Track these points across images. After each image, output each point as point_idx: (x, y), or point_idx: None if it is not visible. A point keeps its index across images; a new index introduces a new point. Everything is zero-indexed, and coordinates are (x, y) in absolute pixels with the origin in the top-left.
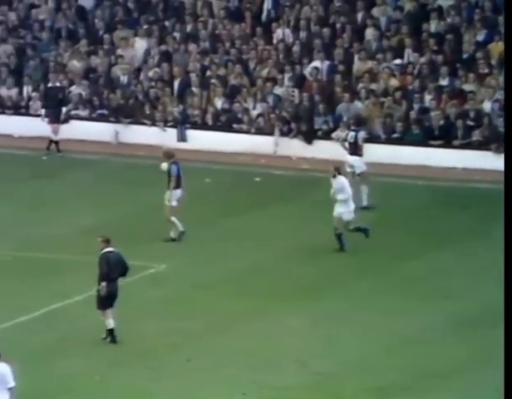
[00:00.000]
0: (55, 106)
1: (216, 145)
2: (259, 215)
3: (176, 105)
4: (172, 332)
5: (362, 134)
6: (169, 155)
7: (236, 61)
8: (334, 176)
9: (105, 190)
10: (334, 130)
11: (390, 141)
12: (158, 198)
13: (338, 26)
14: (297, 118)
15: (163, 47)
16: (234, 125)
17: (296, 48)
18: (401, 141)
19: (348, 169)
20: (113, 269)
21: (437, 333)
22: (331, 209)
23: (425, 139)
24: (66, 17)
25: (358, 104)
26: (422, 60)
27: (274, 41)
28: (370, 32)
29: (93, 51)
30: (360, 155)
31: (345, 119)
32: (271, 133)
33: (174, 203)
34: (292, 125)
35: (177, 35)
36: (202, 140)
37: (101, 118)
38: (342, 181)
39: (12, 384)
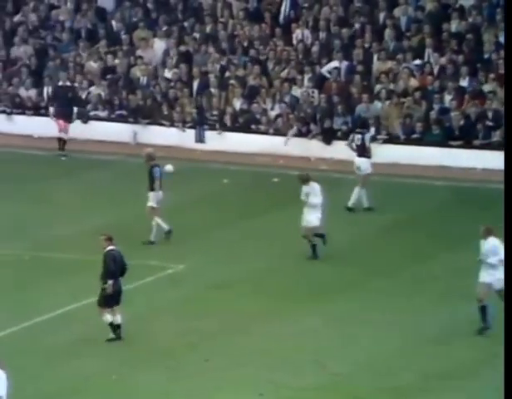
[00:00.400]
0: (64, 105)
1: (234, 145)
2: (277, 216)
3: (195, 105)
4: (190, 332)
5: (369, 136)
6: (150, 157)
7: (255, 61)
8: (306, 182)
9: (122, 191)
10: (353, 130)
11: (409, 142)
12: (175, 198)
13: (358, 26)
14: (315, 119)
15: (182, 48)
16: (253, 126)
17: (315, 49)
18: (420, 142)
19: (357, 172)
20: (118, 267)
21: (452, 334)
22: (348, 210)
23: (445, 139)
24: (85, 17)
25: (378, 104)
26: (442, 60)
27: (294, 41)
28: (390, 32)
29: (112, 52)
30: (368, 156)
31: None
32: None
33: (154, 204)
34: (311, 126)
35: (196, 35)
36: (220, 140)
37: (120, 119)
38: (314, 186)
39: (1, 393)
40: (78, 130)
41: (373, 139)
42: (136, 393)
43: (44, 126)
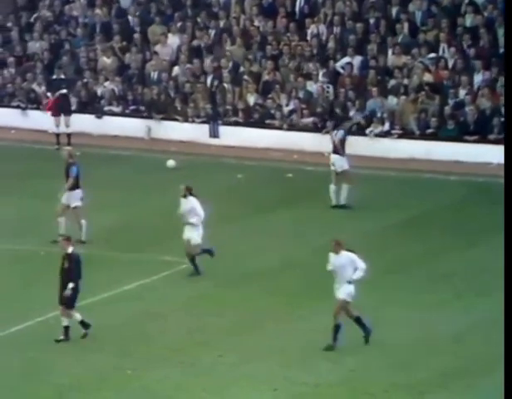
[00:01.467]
0: (60, 98)
1: (248, 140)
2: (291, 211)
3: (208, 101)
4: (203, 328)
5: (341, 133)
6: (70, 155)
7: (269, 57)
8: (185, 196)
9: (137, 186)
10: (368, 125)
11: (424, 137)
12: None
13: (372, 21)
14: (329, 114)
15: (195, 43)
16: (267, 121)
17: (330, 44)
18: (435, 137)
19: (331, 168)
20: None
21: (468, 330)
22: (363, 206)
23: (460, 134)
24: (100, 13)
25: (392, 99)
26: (457, 54)
27: (308, 36)
28: (404, 27)
29: (126, 48)
30: (340, 153)
31: (378, 114)
32: (303, 129)
33: (78, 203)
34: (326, 122)
35: (210, 31)
36: (234, 135)
37: (134, 114)
38: (193, 202)
39: None
40: (92, 125)
41: (387, 133)
42: (151, 388)
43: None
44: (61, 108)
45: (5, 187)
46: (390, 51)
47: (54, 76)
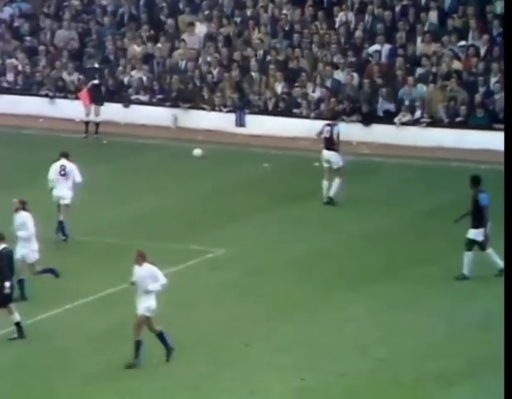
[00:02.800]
0: (95, 87)
1: (275, 129)
2: (318, 201)
3: (235, 89)
4: (231, 317)
5: (338, 129)
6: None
7: (296, 45)
8: (17, 210)
9: (163, 175)
10: (396, 114)
11: (453, 125)
12: (216, 182)
13: (400, 8)
14: (357, 102)
15: (223, 32)
16: (294, 110)
17: (358, 32)
18: (464, 125)
19: (325, 165)
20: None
21: (496, 319)
22: (392, 194)
23: (490, 122)
24: (129, 2)
25: (421, 87)
26: (487, 42)
27: (336, 25)
28: (433, 14)
29: (154, 36)
30: (336, 150)
31: (407, 103)
32: (331, 118)
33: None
34: (353, 109)
35: (237, 20)
36: (261, 124)
37: (161, 103)
38: (24, 217)
39: None
40: (120, 114)
41: (416, 122)
42: (177, 377)
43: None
44: (93, 97)
45: (33, 175)
46: (419, 39)
47: (88, 65)
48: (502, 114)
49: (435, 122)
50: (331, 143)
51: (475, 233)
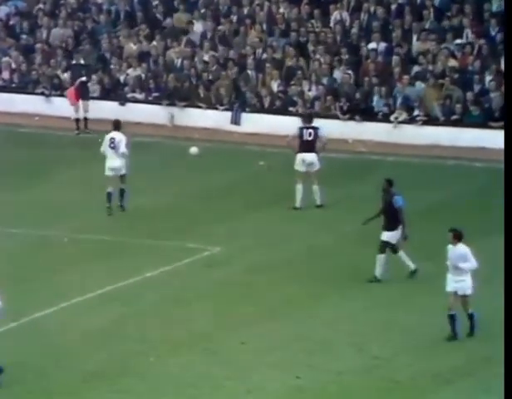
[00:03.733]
0: (81, 83)
1: (271, 127)
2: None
3: (231, 87)
4: (227, 315)
5: (323, 132)
6: None
7: (292, 43)
8: None
9: (160, 173)
10: (392, 112)
11: (449, 123)
12: (212, 180)
13: (396, 6)
14: (353, 100)
15: (219, 30)
16: (290, 108)
17: (354, 30)
18: (460, 123)
19: (303, 169)
20: None
21: (495, 318)
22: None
23: (485, 120)
24: (124, 0)
25: (417, 86)
26: (482, 40)
27: (331, 23)
28: (429, 13)
29: (150, 35)
30: (317, 152)
31: (403, 101)
32: (327, 116)
33: None
34: (349, 108)
35: (233, 18)
36: (257, 123)
37: (157, 101)
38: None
39: None
40: (115, 112)
41: (412, 120)
42: (174, 375)
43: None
44: (80, 94)
45: (29, 173)
46: (414, 38)
47: (74, 62)
48: (497, 112)
49: (430, 120)
50: (312, 146)
51: (389, 236)
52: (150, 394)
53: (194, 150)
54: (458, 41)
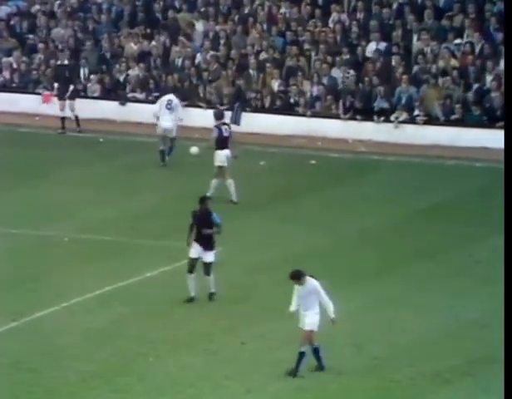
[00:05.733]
0: (63, 83)
1: (271, 127)
2: (315, 198)
3: (232, 87)
4: (228, 315)
5: (230, 128)
6: None
7: (293, 43)
8: None
9: (160, 173)
10: (392, 112)
11: (449, 123)
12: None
13: (397, 6)
14: (354, 100)
15: (220, 30)
16: (290, 108)
17: (354, 30)
18: (460, 123)
19: (222, 164)
20: None
21: (494, 318)
22: (388, 193)
23: (486, 120)
24: (125, 0)
25: (417, 85)
26: (482, 40)
27: (331, 23)
28: (430, 12)
29: (151, 34)
30: (231, 149)
31: (403, 101)
32: (327, 116)
33: None
34: (349, 107)
35: (234, 17)
36: (257, 122)
37: (157, 100)
38: None
39: None
40: (116, 112)
41: (412, 120)
42: (173, 375)
43: (83, 108)
44: (64, 93)
45: (29, 173)
46: (415, 37)
47: (58, 62)
48: (498, 112)
49: (431, 120)
50: (228, 142)
51: (208, 255)
52: (149, 394)
53: (194, 149)
54: (458, 41)
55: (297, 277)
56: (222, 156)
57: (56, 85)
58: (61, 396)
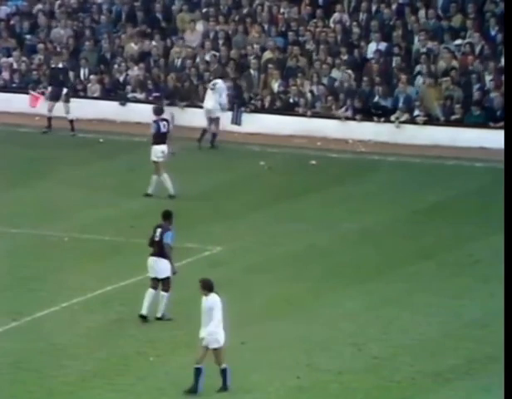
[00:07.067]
0: (57, 86)
1: (271, 127)
2: (315, 198)
3: (233, 87)
4: (228, 315)
5: (169, 124)
6: None
7: (293, 43)
8: None
9: None
10: (393, 112)
11: (449, 123)
12: (213, 180)
13: (397, 7)
14: (354, 100)
15: (221, 30)
16: (291, 108)
17: (354, 30)
18: (460, 123)
19: (159, 159)
20: None
21: (494, 317)
22: (388, 193)
23: (486, 120)
24: (124, 0)
25: (418, 86)
26: (483, 40)
27: (332, 23)
28: (430, 13)
29: (151, 34)
30: (168, 143)
31: (403, 101)
32: (327, 116)
33: None
34: (349, 108)
35: (235, 17)
36: (258, 122)
37: (158, 101)
38: None
39: None
40: (116, 112)
41: (412, 120)
42: (173, 375)
43: (82, 109)
44: (57, 96)
45: (29, 173)
46: (415, 38)
47: (53, 65)
48: (498, 112)
49: (431, 120)
50: (166, 137)
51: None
52: (149, 394)
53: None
54: (458, 41)
55: (206, 287)
56: (158, 151)
57: (49, 88)
58: (61, 396)
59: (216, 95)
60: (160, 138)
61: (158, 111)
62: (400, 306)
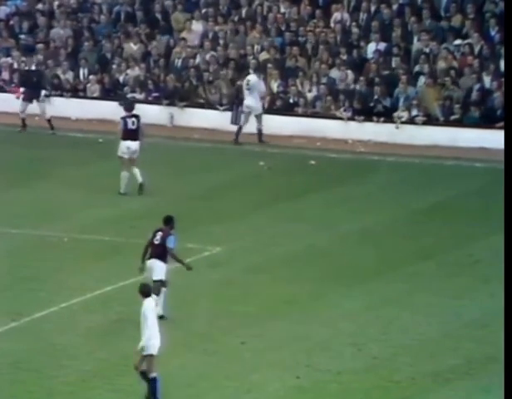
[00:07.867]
0: (30, 88)
1: (271, 128)
2: (315, 198)
3: (232, 87)
4: (228, 315)
5: (138, 120)
6: None
7: (293, 43)
8: None
9: (159, 173)
10: (392, 112)
11: (448, 123)
12: (212, 180)
13: (397, 7)
14: (353, 100)
15: (219, 30)
16: (290, 108)
17: (354, 30)
18: (460, 123)
19: (127, 156)
20: None
21: (494, 317)
22: (387, 193)
23: (486, 121)
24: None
25: (417, 86)
26: (482, 40)
27: (332, 23)
28: (429, 13)
29: (150, 35)
30: (140, 140)
31: (403, 101)
32: (327, 116)
33: None
34: (349, 108)
35: (234, 18)
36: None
37: (157, 101)
38: None
39: None
40: (115, 112)
41: (411, 120)
42: (173, 375)
43: (82, 108)
44: (30, 98)
45: (29, 173)
46: (415, 38)
47: (26, 68)
48: (497, 112)
49: (430, 121)
50: (136, 134)
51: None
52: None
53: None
54: (458, 41)
55: (142, 292)
56: (123, 147)
57: (21, 89)
58: (61, 396)
59: (254, 92)
60: (127, 134)
61: (129, 108)
62: (400, 306)
